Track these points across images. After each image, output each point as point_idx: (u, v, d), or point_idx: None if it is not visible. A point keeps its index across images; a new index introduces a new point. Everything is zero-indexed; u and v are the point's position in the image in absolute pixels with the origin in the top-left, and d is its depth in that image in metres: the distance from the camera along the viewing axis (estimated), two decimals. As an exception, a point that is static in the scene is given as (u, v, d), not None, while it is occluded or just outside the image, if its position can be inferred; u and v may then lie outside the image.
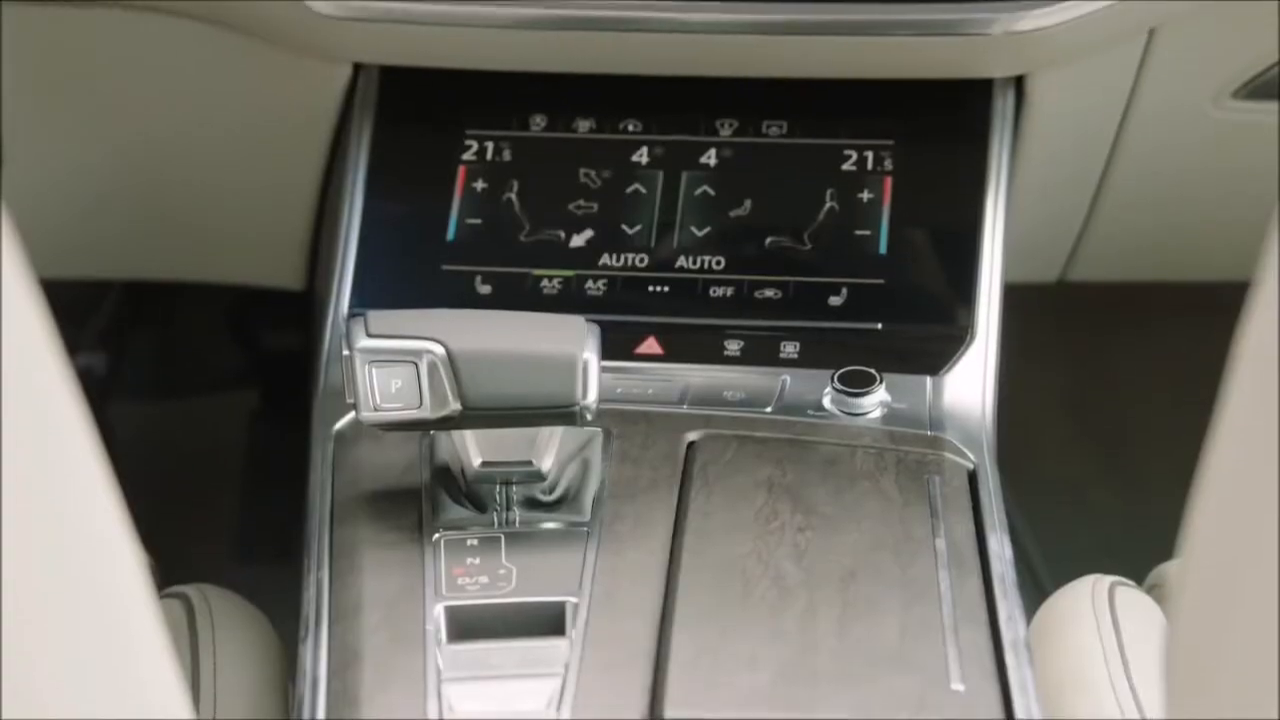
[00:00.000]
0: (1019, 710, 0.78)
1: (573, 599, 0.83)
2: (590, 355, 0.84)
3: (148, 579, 0.59)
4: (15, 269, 0.54)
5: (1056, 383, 1.55)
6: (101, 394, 1.50)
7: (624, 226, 1.03)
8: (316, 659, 0.82)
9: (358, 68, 1.08)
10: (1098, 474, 1.51)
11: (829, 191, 1.03)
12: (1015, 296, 1.03)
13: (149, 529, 0.69)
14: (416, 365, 0.84)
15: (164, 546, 0.91)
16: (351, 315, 1.00)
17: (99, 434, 0.56)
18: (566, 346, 0.84)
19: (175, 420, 1.56)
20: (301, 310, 1.25)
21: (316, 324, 1.05)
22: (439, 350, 0.83)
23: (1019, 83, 1.04)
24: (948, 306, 0.99)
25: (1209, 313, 0.95)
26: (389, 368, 0.84)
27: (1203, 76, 1.05)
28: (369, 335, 0.84)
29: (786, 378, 0.96)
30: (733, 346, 0.98)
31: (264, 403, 1.55)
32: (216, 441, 1.54)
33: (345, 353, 0.84)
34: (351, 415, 0.91)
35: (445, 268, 1.02)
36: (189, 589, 0.92)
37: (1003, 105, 1.03)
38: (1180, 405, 1.04)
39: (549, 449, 0.86)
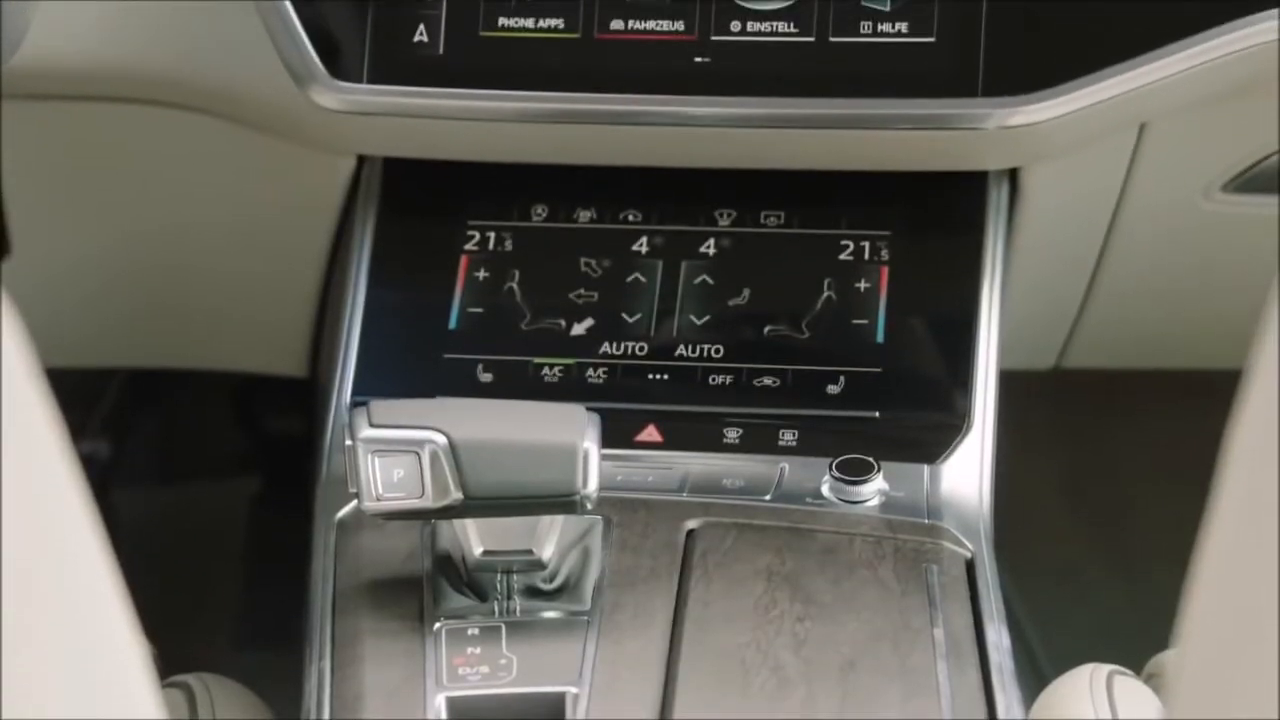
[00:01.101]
0: None
1: (573, 689, 0.83)
2: (591, 444, 0.85)
3: (151, 670, 0.59)
4: (20, 358, 0.55)
5: (1054, 467, 1.56)
6: (105, 479, 1.51)
7: (624, 315, 1.04)
8: (319, 749, 0.82)
9: (361, 159, 1.09)
10: (1096, 558, 1.51)
11: (826, 281, 1.04)
12: (1012, 382, 1.04)
13: (151, 614, 0.69)
14: (419, 455, 0.84)
15: (165, 632, 0.91)
16: (354, 403, 1.01)
17: (102, 520, 0.57)
18: (567, 436, 0.85)
19: (177, 505, 1.57)
20: (304, 395, 1.26)
21: (319, 411, 1.06)
22: (441, 440, 0.84)
23: (1013, 175, 1.05)
24: (945, 395, 1.00)
25: (1205, 397, 0.95)
26: (391, 457, 0.85)
27: (1193, 170, 1.07)
28: (372, 425, 0.85)
29: (785, 465, 0.97)
30: (732, 434, 0.99)
31: (266, 487, 1.55)
32: (218, 526, 1.54)
33: (348, 442, 0.85)
34: (353, 504, 0.91)
35: (447, 356, 1.03)
36: (190, 678, 0.92)
37: (997, 197, 1.05)
38: (1178, 489, 1.04)
39: (550, 537, 0.87)
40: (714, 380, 1.02)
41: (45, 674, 0.55)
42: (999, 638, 0.87)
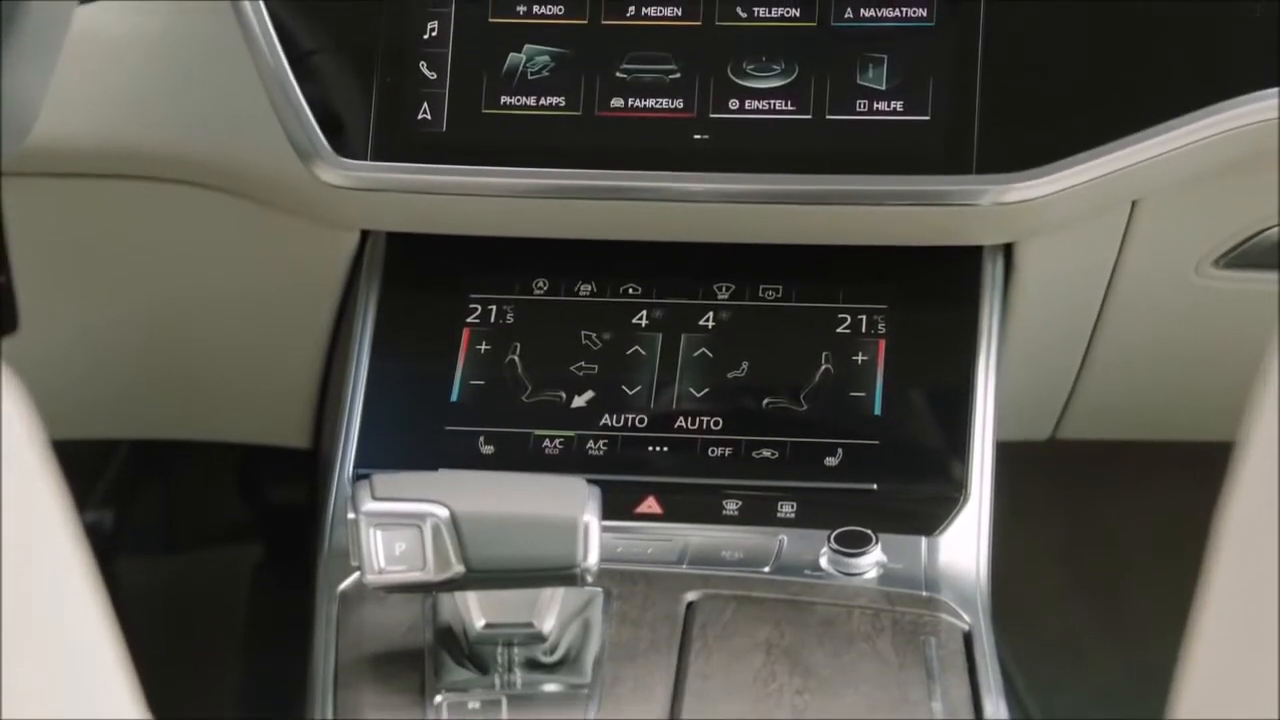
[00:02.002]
0: None
1: (574, 762, 0.84)
2: (591, 518, 0.85)
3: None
4: (26, 430, 0.55)
5: (1052, 537, 1.56)
6: (109, 549, 1.51)
7: (624, 387, 1.05)
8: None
9: (365, 233, 1.11)
10: (1094, 627, 1.51)
11: (824, 354, 1.05)
12: (1009, 452, 1.05)
13: (153, 683, 0.70)
14: (420, 528, 0.85)
15: (167, 701, 0.92)
16: (357, 475, 1.02)
17: (105, 589, 0.58)
18: (568, 510, 0.85)
19: (180, 574, 1.57)
20: (306, 464, 1.27)
21: (322, 483, 1.07)
22: (443, 513, 0.85)
23: (1008, 249, 1.06)
24: (942, 467, 1.01)
25: (1203, 468, 0.96)
26: (393, 530, 0.86)
27: (1184, 246, 1.08)
28: (374, 498, 0.86)
29: (784, 538, 0.98)
30: (731, 506, 1.00)
31: (268, 557, 1.56)
32: (221, 595, 1.55)
33: (350, 516, 0.85)
34: (355, 576, 0.92)
35: (449, 428, 1.04)
36: None
37: (992, 271, 1.06)
38: (1176, 560, 1.05)
39: (550, 610, 0.87)
40: (713, 452, 1.02)
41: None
42: (997, 710, 0.88)
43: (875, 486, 1.00)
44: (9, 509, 0.53)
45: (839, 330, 1.05)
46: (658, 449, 1.03)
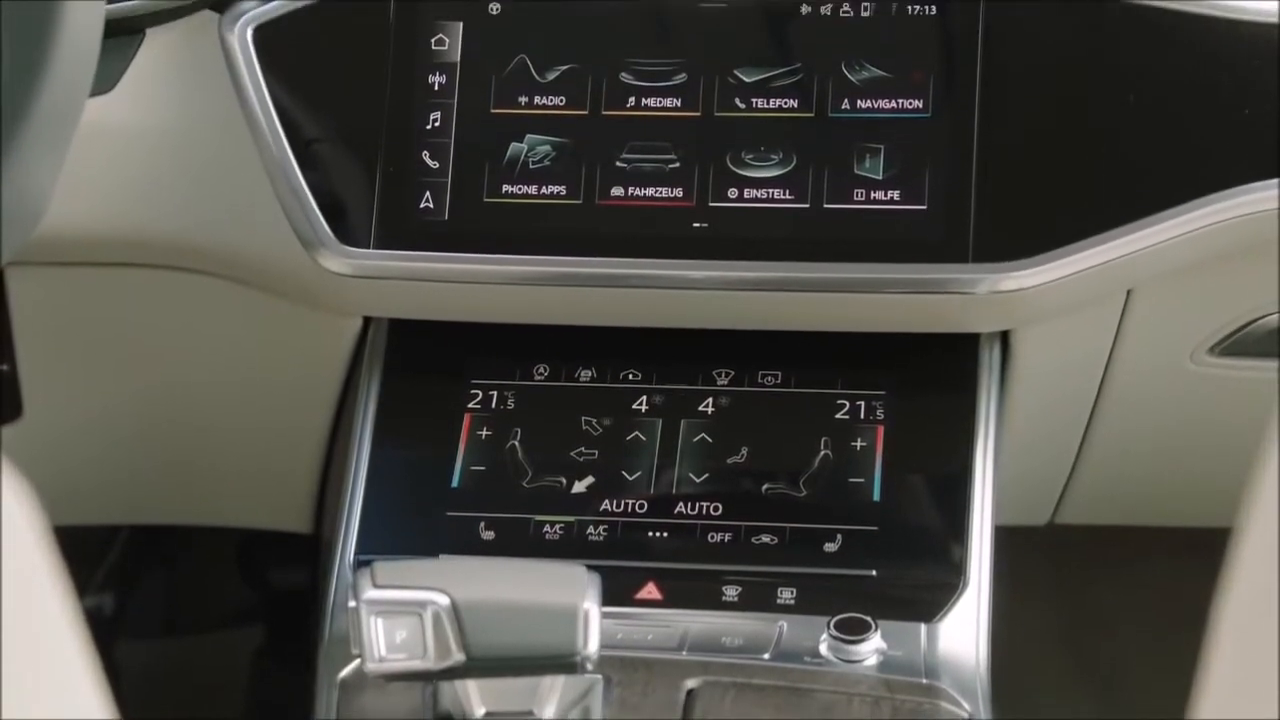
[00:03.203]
0: None
1: None
2: (591, 605, 0.86)
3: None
4: (26, 518, 0.56)
5: (1051, 620, 1.56)
6: (109, 633, 1.51)
7: (624, 473, 1.05)
8: None
9: (367, 319, 1.11)
10: (1095, 712, 1.51)
11: (823, 439, 1.05)
12: (1008, 536, 1.05)
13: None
14: (421, 616, 0.85)
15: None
16: (358, 561, 1.03)
17: (106, 674, 0.58)
18: (568, 597, 0.86)
19: (181, 658, 1.57)
20: (307, 548, 1.27)
21: (323, 569, 1.07)
22: (443, 601, 0.85)
23: (1004, 336, 1.07)
24: (941, 553, 1.01)
25: (1202, 551, 0.96)
26: (394, 618, 0.86)
27: (1179, 334, 1.09)
28: (375, 586, 0.86)
29: (784, 624, 0.98)
30: (730, 592, 1.00)
31: (269, 640, 1.56)
32: (221, 680, 1.54)
33: (351, 604, 0.85)
34: (356, 663, 0.92)
35: (450, 514, 1.05)
36: None
37: (989, 358, 1.06)
38: (1176, 643, 1.05)
39: (551, 698, 0.87)
40: (713, 538, 1.03)
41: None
42: (997, 798, 0.88)
43: (874, 573, 1.00)
44: (9, 597, 0.54)
45: (838, 416, 1.06)
46: (658, 534, 1.03)
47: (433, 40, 1.06)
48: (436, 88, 1.05)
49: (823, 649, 0.96)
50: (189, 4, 1.06)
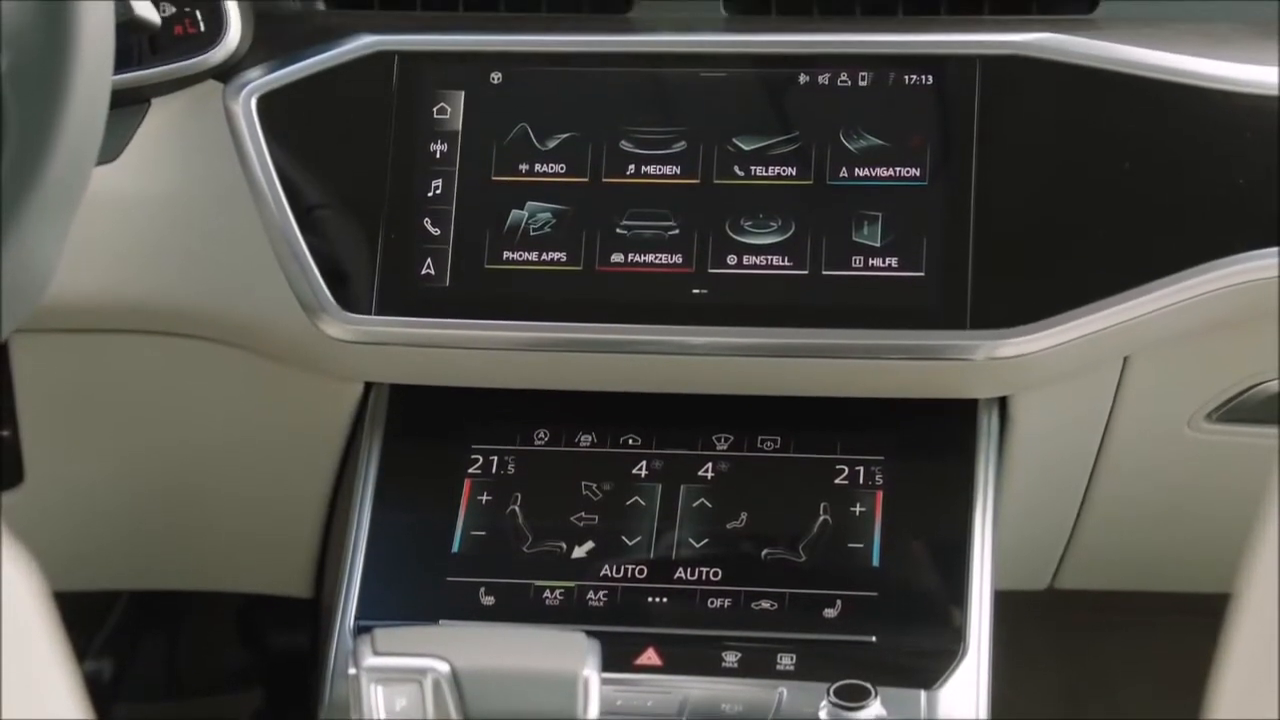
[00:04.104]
0: None
1: None
2: (591, 672, 0.86)
3: None
4: (26, 589, 0.56)
5: (1051, 685, 1.55)
6: (109, 698, 1.51)
7: (624, 538, 1.06)
8: None
9: (368, 385, 1.12)
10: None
11: (822, 505, 1.06)
12: (1008, 600, 1.05)
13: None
14: (421, 683, 0.85)
15: None
16: (358, 627, 1.03)
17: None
18: (568, 665, 0.86)
19: (181, 720, 1.56)
20: (307, 612, 1.27)
21: (323, 634, 1.07)
22: (443, 668, 0.85)
23: (1003, 402, 1.07)
24: (940, 619, 1.01)
25: (1202, 615, 0.96)
26: (394, 685, 0.86)
27: (1177, 401, 1.09)
28: (375, 653, 0.86)
29: (783, 690, 0.98)
30: (730, 658, 1.00)
31: (269, 704, 1.55)
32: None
33: (351, 671, 0.86)
34: (356, 730, 0.92)
35: (450, 579, 1.05)
36: None
37: (988, 423, 1.07)
38: (1178, 707, 1.05)
39: (550, 765, 0.87)
40: (713, 604, 1.03)
41: None
42: None
43: (874, 639, 1.00)
44: (9, 665, 0.54)
45: (837, 481, 1.06)
46: (657, 600, 1.03)
47: (435, 109, 1.07)
48: (438, 155, 1.06)
49: (822, 715, 0.96)
50: (194, 74, 1.07)
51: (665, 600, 1.03)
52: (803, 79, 1.05)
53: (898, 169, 1.03)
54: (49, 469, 1.19)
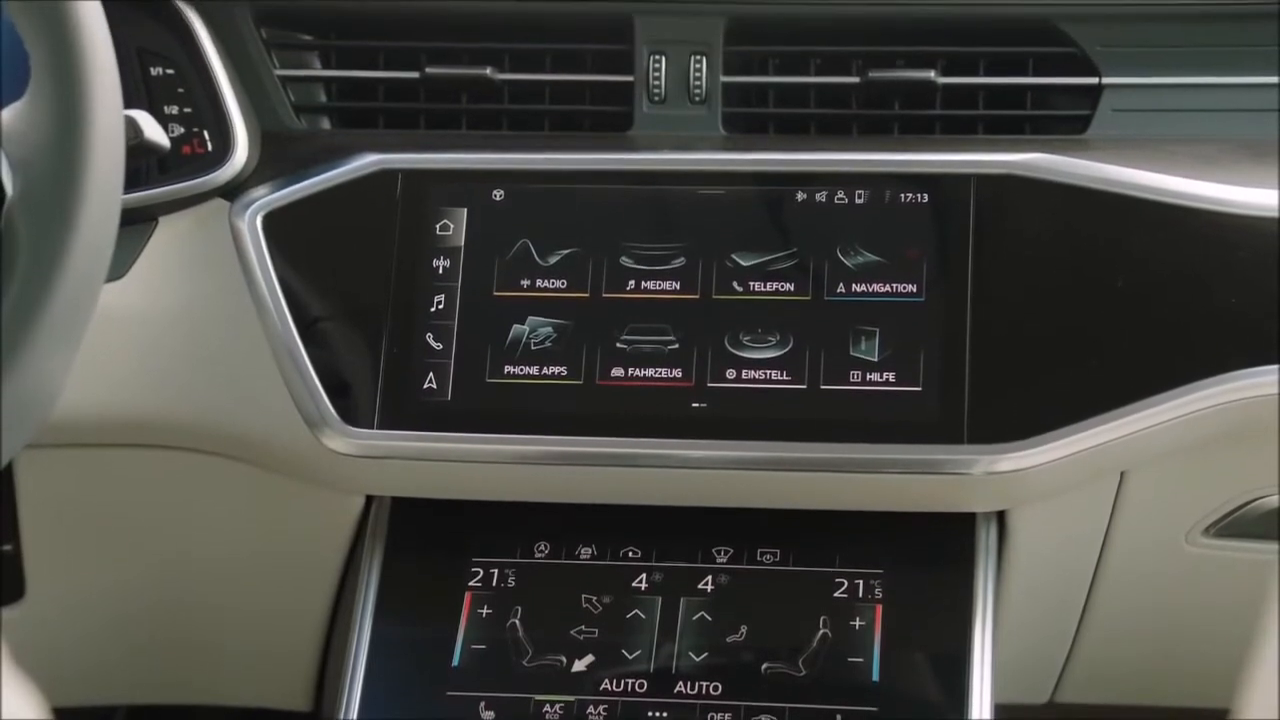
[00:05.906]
0: None
1: None
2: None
3: None
4: (23, 701, 0.56)
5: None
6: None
7: (624, 651, 1.06)
8: None
9: (370, 498, 1.12)
10: None
11: (822, 618, 1.06)
12: (1008, 714, 1.05)
13: None
14: (421, 800, 0.85)
15: None
16: (358, 743, 1.03)
17: None
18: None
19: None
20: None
21: (323, 749, 1.07)
22: (444, 784, 0.85)
23: (1001, 516, 1.08)
24: None
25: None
26: (394, 801, 0.86)
27: (1174, 515, 1.10)
28: (375, 769, 0.86)
29: (785, 804, 0.98)
30: (731, 772, 1.00)
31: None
32: None
33: (351, 788, 0.86)
34: None
35: (450, 693, 1.05)
36: None
37: (986, 537, 1.07)
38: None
39: None
40: (713, 717, 1.03)
41: None
42: None
43: (875, 753, 1.00)
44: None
45: (836, 595, 1.06)
46: (658, 714, 1.03)
47: (438, 226, 1.08)
48: (441, 271, 1.07)
49: (823, 831, 0.96)
50: (201, 192, 1.08)
51: (665, 714, 1.03)
52: (800, 196, 1.06)
53: (894, 285, 1.04)
54: (50, 583, 1.19)
